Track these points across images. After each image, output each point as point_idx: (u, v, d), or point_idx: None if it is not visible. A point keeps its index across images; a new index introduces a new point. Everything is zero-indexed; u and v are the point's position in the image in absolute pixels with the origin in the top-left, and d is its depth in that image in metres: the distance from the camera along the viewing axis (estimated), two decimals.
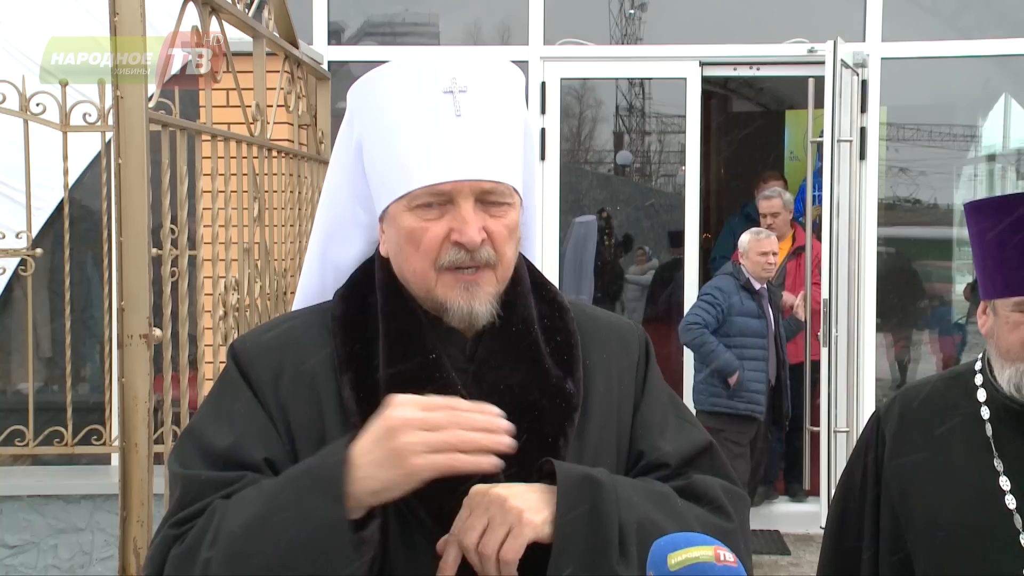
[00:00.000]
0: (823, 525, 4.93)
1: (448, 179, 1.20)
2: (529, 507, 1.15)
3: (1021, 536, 1.56)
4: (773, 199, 5.68)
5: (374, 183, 1.28)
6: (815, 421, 5.30)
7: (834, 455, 5.07)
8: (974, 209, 1.61)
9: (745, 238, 5.13)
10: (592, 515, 1.16)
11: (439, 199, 1.21)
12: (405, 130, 1.22)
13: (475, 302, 1.23)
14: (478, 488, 1.17)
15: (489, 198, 1.22)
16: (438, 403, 1.12)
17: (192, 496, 1.19)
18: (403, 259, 1.25)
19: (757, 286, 5.05)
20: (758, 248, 5.03)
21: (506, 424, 1.13)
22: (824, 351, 5.08)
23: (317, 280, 1.38)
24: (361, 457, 1.11)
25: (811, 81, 5.38)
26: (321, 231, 1.38)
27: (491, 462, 1.11)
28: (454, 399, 1.14)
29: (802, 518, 5.43)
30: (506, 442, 1.12)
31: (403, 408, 1.11)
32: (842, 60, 5.16)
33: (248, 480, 1.19)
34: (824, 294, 5.10)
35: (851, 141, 5.30)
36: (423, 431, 1.09)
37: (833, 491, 4.91)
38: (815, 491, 5.39)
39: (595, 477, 1.20)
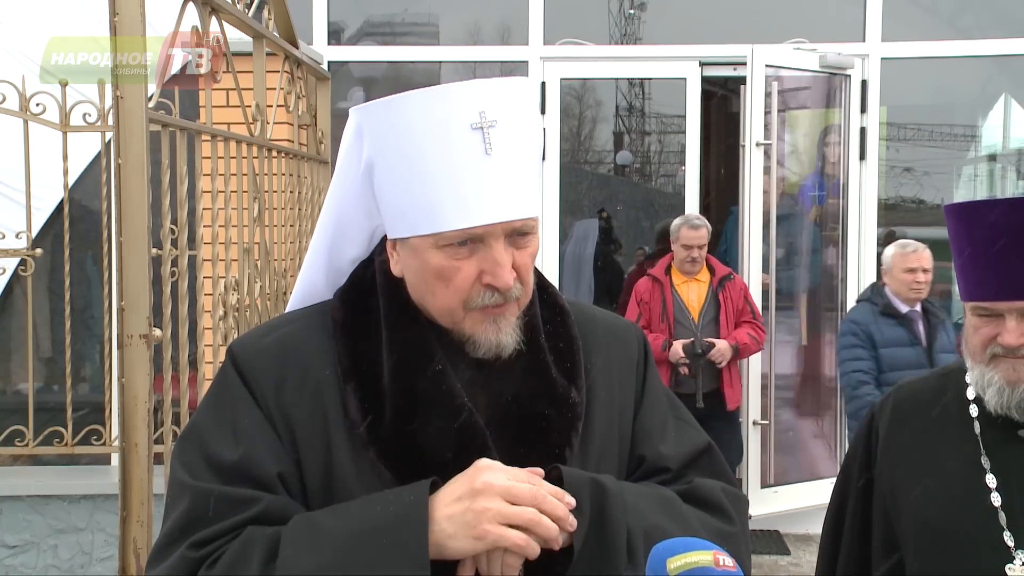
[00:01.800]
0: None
1: (482, 223, 1.18)
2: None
3: (1005, 533, 1.58)
4: (700, 229, 4.96)
5: (390, 210, 1.24)
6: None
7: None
8: (948, 212, 1.65)
9: (889, 252, 4.37)
10: (600, 521, 1.17)
11: (470, 238, 1.19)
12: (433, 167, 1.18)
13: (503, 335, 1.23)
14: None
15: (518, 232, 1.22)
16: (524, 476, 1.15)
17: (207, 512, 1.17)
18: (428, 291, 1.24)
19: (904, 309, 4.30)
20: (904, 264, 4.23)
21: (574, 521, 1.16)
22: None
23: (320, 279, 1.37)
24: (439, 510, 1.13)
25: (742, 88, 5.42)
26: (325, 237, 1.36)
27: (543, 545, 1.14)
28: (538, 478, 1.17)
29: (802, 518, 5.44)
30: (561, 539, 1.15)
31: (491, 473, 1.14)
32: (767, 64, 5.24)
33: (271, 503, 1.17)
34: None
35: (771, 144, 5.32)
36: (504, 501, 1.12)
37: (751, 481, 5.02)
38: None
39: (602, 483, 1.20)
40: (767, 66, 5.23)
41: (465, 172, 1.18)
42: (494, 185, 1.18)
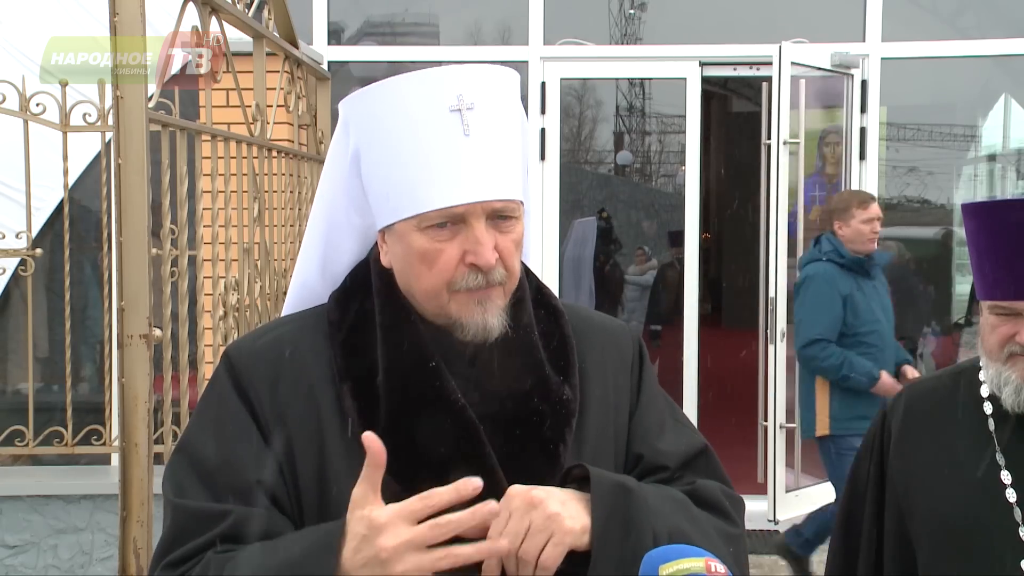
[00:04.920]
0: (770, 519, 5.00)
1: (462, 202, 1.19)
2: (569, 514, 1.16)
3: (1021, 529, 1.59)
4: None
5: (376, 197, 1.26)
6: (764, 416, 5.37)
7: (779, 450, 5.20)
8: (966, 210, 1.65)
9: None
10: (627, 524, 1.17)
11: (451, 219, 1.20)
12: (413, 150, 1.20)
13: (488, 316, 1.23)
14: (517, 490, 1.16)
15: (499, 215, 1.22)
16: (418, 508, 1.07)
17: (183, 531, 1.18)
18: (414, 277, 1.24)
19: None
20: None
21: (491, 508, 1.09)
22: (771, 348, 5.16)
23: (316, 280, 1.37)
24: (354, 572, 1.09)
25: (764, 85, 5.40)
26: (316, 235, 1.36)
27: (482, 548, 1.09)
28: (431, 494, 1.08)
29: (802, 518, 5.43)
30: (501, 543, 1.10)
31: (391, 533, 1.07)
32: (793, 61, 5.18)
33: (238, 516, 1.17)
34: (771, 292, 5.16)
35: (799, 143, 5.27)
36: (415, 553, 1.07)
37: (778, 486, 5.02)
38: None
39: (627, 485, 1.21)
40: (793, 63, 5.19)
41: (444, 153, 1.19)
42: (473, 165, 1.19)
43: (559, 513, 1.15)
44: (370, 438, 1.10)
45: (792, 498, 5.25)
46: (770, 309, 5.15)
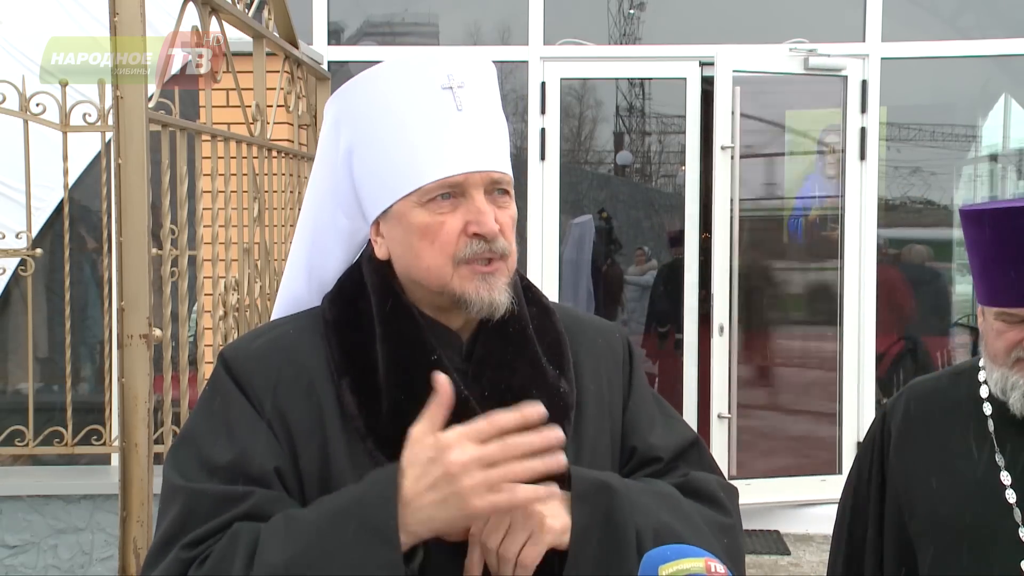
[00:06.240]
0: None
1: (461, 171, 1.20)
2: (550, 513, 1.16)
3: (1020, 530, 1.60)
4: None
5: (371, 186, 1.26)
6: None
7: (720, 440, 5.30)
8: (966, 216, 1.64)
9: None
10: (608, 523, 1.17)
11: (451, 191, 1.21)
12: (408, 127, 1.22)
13: (494, 292, 1.22)
14: None
15: (496, 188, 1.23)
16: (485, 430, 1.10)
17: (201, 513, 1.16)
18: (414, 256, 1.24)
19: None
20: None
21: (558, 434, 1.12)
22: (712, 341, 5.31)
23: (303, 288, 1.37)
24: (417, 499, 1.10)
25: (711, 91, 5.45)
26: (304, 239, 1.36)
27: (548, 491, 1.13)
28: (496, 416, 1.11)
29: (802, 518, 5.44)
30: (561, 461, 1.12)
31: (459, 449, 1.09)
32: (732, 69, 5.24)
33: (261, 497, 1.16)
34: (712, 288, 5.27)
35: (733, 147, 5.30)
36: (482, 470, 1.09)
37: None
38: None
39: (610, 484, 1.21)
40: (734, 71, 5.26)
41: (440, 127, 1.21)
42: (469, 137, 1.22)
43: (540, 511, 1.16)
44: (440, 378, 1.13)
45: (743, 486, 5.29)
46: (713, 304, 5.29)
